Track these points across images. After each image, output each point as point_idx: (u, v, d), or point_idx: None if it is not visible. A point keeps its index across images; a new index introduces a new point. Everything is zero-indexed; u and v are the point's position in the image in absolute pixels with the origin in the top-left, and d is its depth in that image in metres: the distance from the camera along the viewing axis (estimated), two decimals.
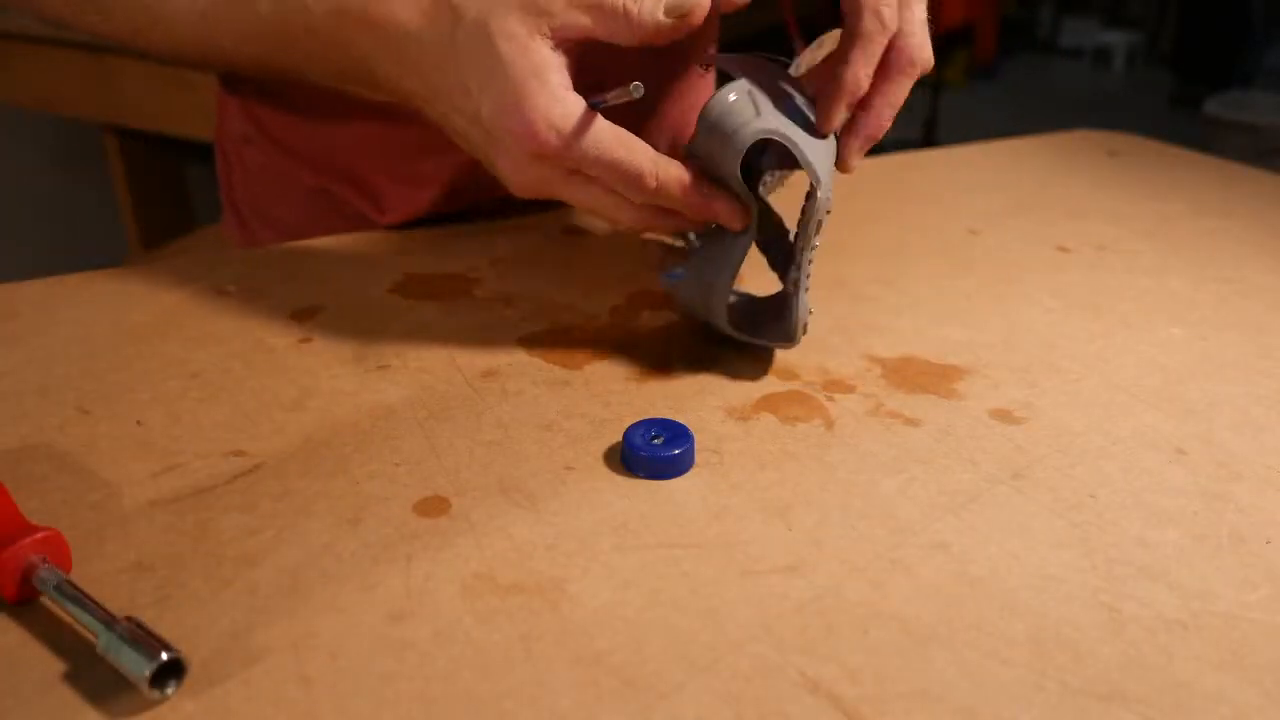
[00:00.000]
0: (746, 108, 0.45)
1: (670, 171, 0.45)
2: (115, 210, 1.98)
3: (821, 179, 0.45)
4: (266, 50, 0.52)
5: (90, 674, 0.31)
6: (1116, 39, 4.64)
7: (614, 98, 0.43)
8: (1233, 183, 0.83)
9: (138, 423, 0.45)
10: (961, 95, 4.04)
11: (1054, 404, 0.48)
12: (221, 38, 0.52)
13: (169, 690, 0.31)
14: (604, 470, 0.42)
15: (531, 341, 0.53)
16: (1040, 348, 0.54)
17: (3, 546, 0.33)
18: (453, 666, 0.32)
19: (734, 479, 0.42)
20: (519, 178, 0.46)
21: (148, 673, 0.30)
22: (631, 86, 0.42)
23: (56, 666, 0.32)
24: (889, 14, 0.46)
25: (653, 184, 0.45)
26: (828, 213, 0.46)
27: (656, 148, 0.46)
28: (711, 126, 0.45)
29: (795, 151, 0.45)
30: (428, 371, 0.50)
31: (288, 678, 0.32)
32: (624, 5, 0.43)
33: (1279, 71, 3.88)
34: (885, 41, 0.46)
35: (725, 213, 0.47)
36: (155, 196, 2.01)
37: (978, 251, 0.67)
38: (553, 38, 0.43)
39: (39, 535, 0.34)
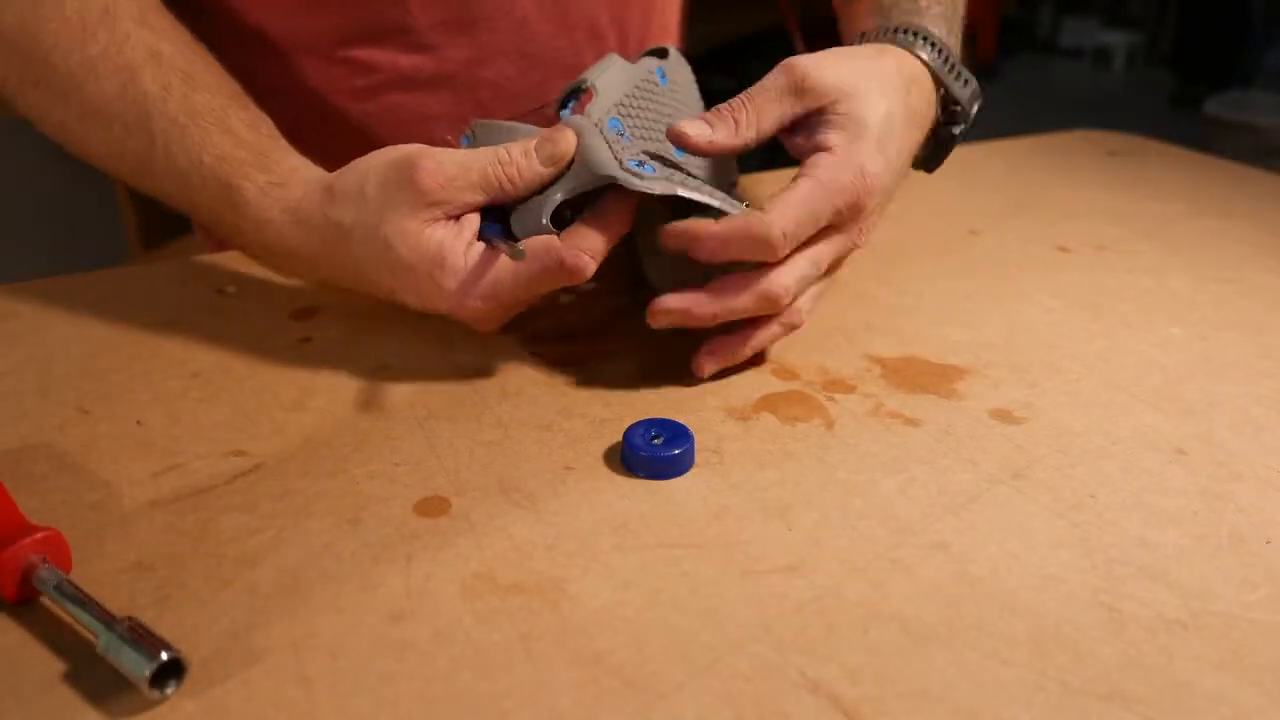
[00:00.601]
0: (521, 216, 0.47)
1: (587, 245, 0.45)
2: (115, 210, 1.98)
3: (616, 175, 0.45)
4: (183, 208, 0.52)
5: (90, 674, 0.31)
6: (1116, 39, 4.64)
7: (504, 248, 0.45)
8: (1233, 183, 0.83)
9: (138, 423, 0.45)
10: None
11: (1054, 404, 0.48)
12: (136, 181, 0.53)
13: (169, 690, 0.31)
14: (604, 470, 0.42)
15: (531, 341, 0.53)
16: (1040, 348, 0.54)
17: (3, 546, 0.33)
18: (453, 666, 0.32)
19: (734, 479, 0.42)
20: (473, 325, 0.48)
21: (148, 673, 0.30)
22: (513, 251, 0.44)
23: (56, 666, 0.32)
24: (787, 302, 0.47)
25: (586, 266, 0.45)
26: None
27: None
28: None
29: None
30: (428, 371, 0.50)
31: (288, 678, 0.32)
32: (505, 176, 0.45)
33: (1279, 71, 3.88)
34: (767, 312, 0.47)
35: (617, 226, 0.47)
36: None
37: (978, 251, 0.67)
38: (445, 217, 0.45)
39: (39, 535, 0.34)
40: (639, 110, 0.53)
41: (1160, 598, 0.36)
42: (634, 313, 0.52)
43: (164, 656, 0.30)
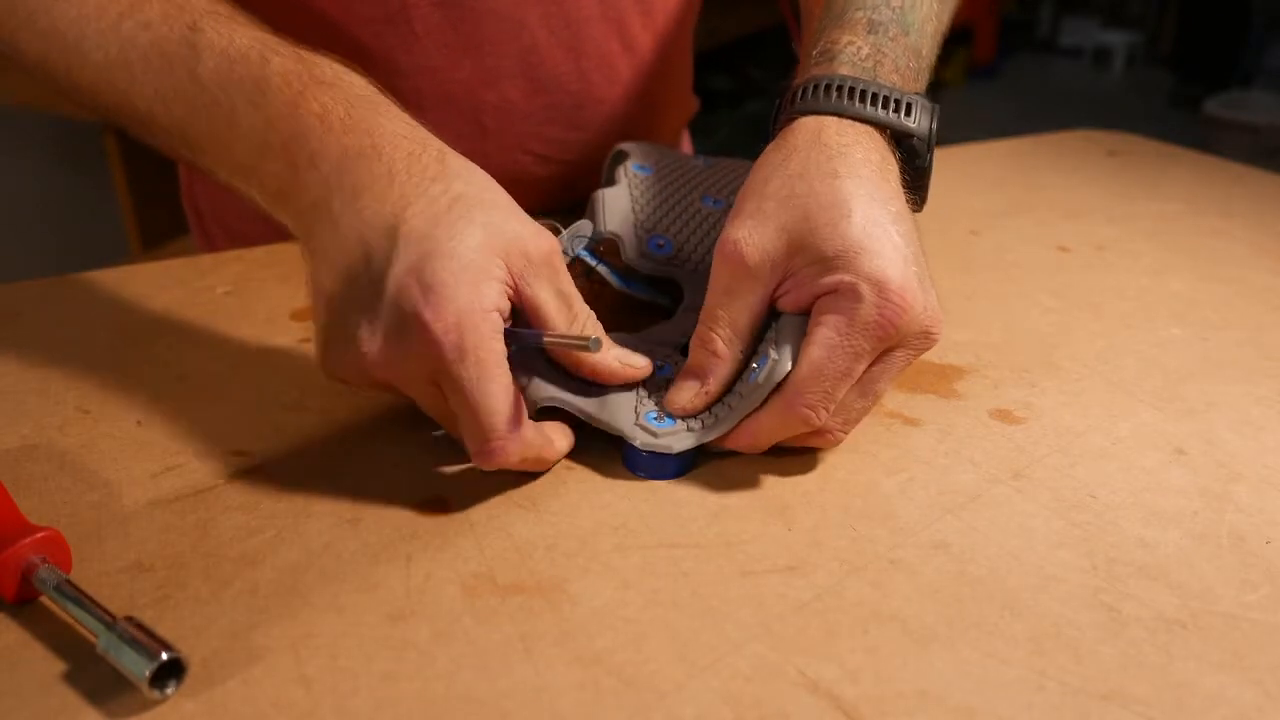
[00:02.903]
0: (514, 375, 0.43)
1: (523, 438, 0.39)
2: (115, 210, 1.98)
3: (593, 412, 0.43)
4: (183, 115, 0.44)
5: (90, 674, 0.31)
6: (1116, 39, 4.64)
7: (567, 341, 0.40)
8: (1233, 183, 0.83)
9: (138, 423, 0.45)
10: (961, 95, 4.03)
11: (1054, 404, 0.48)
12: (139, 92, 0.45)
13: (169, 690, 0.31)
14: (604, 470, 0.42)
15: None
16: (1040, 348, 0.54)
17: (3, 546, 0.33)
18: (453, 666, 0.32)
19: (734, 479, 0.42)
20: (353, 361, 0.39)
21: (148, 673, 0.30)
22: (590, 341, 0.38)
23: (56, 666, 0.32)
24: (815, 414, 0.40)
25: (499, 452, 0.38)
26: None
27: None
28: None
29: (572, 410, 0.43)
30: None
31: (288, 678, 0.32)
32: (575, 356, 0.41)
33: (1279, 71, 3.88)
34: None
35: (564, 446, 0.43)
36: (155, 196, 2.00)
37: (978, 251, 0.67)
38: (510, 288, 0.40)
39: (39, 535, 0.34)
40: (650, 208, 0.53)
41: (1160, 598, 0.36)
42: (633, 312, 0.52)
43: (164, 656, 0.30)
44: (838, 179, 0.41)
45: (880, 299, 0.39)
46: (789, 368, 0.40)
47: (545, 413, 0.43)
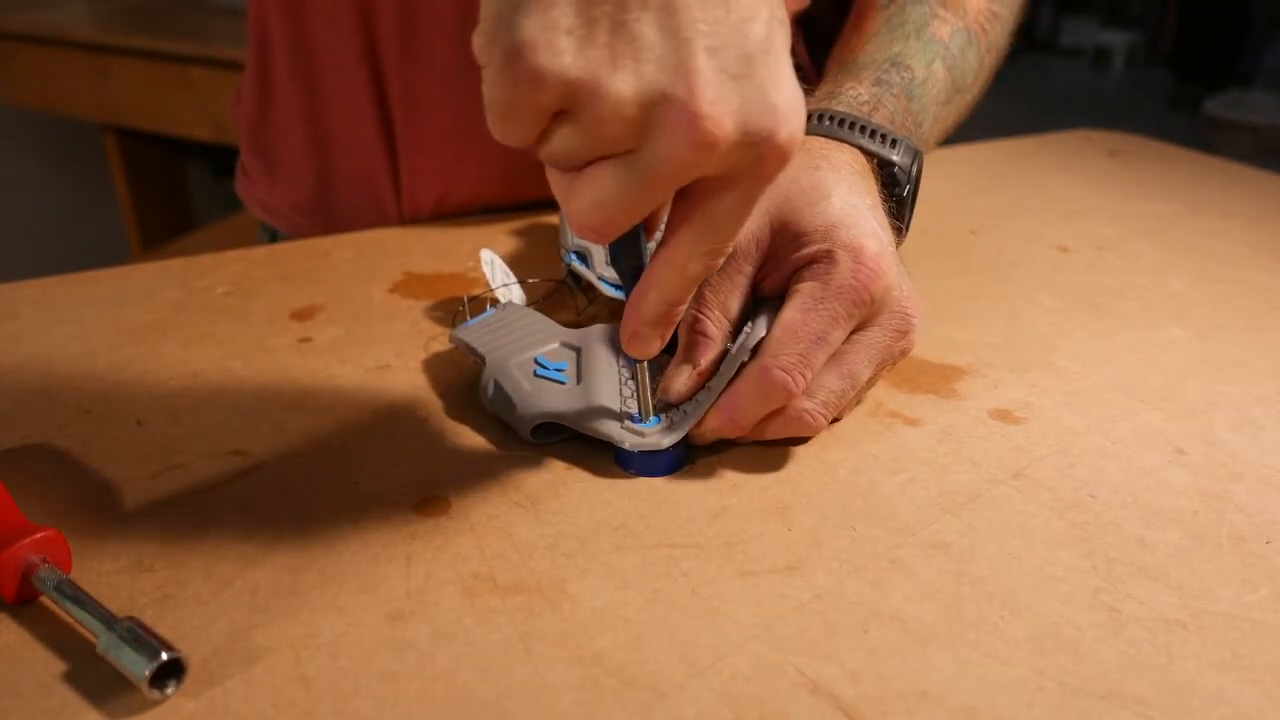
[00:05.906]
0: (501, 400, 0.44)
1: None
2: (115, 210, 1.98)
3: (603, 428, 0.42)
4: None
5: (90, 674, 0.31)
6: (1116, 39, 4.65)
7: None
8: (1233, 183, 0.83)
9: (138, 423, 0.45)
10: None
11: (1054, 404, 0.48)
12: None
13: (169, 690, 0.31)
14: (604, 470, 0.42)
15: None
16: (1040, 348, 0.54)
17: (3, 546, 0.33)
18: (453, 666, 0.32)
19: (734, 479, 0.42)
20: (688, 150, 0.30)
21: (148, 673, 0.30)
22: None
23: (56, 666, 0.32)
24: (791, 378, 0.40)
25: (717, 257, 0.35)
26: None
27: None
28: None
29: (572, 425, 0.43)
30: (428, 371, 0.50)
31: (288, 678, 0.32)
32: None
33: (1278, 71, 3.88)
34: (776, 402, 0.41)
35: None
36: (155, 196, 2.01)
37: (978, 251, 0.67)
38: None
39: (39, 535, 0.34)
40: None
41: (1160, 598, 0.36)
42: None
43: (164, 656, 0.30)
44: (819, 170, 0.43)
45: (855, 263, 0.40)
46: (763, 334, 0.41)
47: (539, 429, 0.43)
